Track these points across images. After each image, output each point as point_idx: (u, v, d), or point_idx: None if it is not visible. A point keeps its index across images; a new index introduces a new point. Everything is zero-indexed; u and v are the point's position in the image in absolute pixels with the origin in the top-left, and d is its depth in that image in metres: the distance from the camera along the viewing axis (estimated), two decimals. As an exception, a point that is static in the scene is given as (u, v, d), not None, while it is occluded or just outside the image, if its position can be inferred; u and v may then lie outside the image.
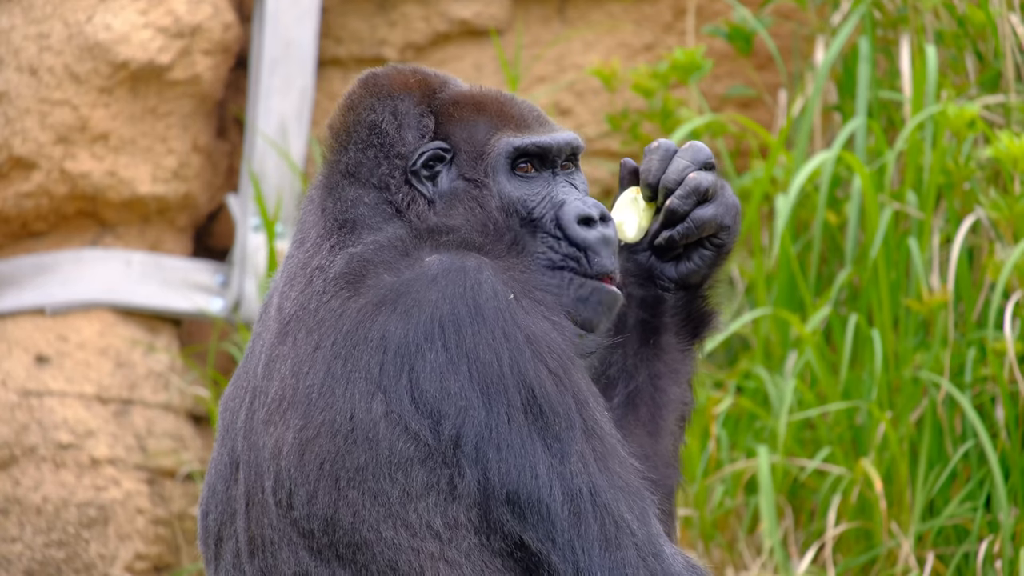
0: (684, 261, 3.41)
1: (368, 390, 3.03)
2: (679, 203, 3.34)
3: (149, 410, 6.49)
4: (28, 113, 6.44)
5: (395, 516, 3.01)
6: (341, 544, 3.04)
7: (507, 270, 3.10)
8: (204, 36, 6.49)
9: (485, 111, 3.29)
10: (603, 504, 3.02)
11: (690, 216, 3.35)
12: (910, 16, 6.15)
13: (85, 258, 6.55)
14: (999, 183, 5.83)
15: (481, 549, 3.03)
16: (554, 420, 3.03)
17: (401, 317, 3.03)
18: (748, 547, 5.75)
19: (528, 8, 6.92)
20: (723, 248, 3.40)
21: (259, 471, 3.12)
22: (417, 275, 3.06)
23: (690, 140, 6.44)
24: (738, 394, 5.94)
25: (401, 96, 3.29)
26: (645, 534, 3.05)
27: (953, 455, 5.57)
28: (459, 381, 3.01)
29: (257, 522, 3.13)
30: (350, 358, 3.05)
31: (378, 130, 3.27)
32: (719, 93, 6.87)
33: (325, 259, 3.18)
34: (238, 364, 3.36)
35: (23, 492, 6.34)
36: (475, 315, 3.02)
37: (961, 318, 5.73)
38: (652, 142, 3.39)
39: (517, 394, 3.02)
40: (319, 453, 3.04)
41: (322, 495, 3.04)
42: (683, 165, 3.35)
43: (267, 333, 3.20)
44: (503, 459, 3.01)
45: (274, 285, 3.29)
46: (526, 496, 3.01)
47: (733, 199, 3.39)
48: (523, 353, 3.02)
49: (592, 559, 3.02)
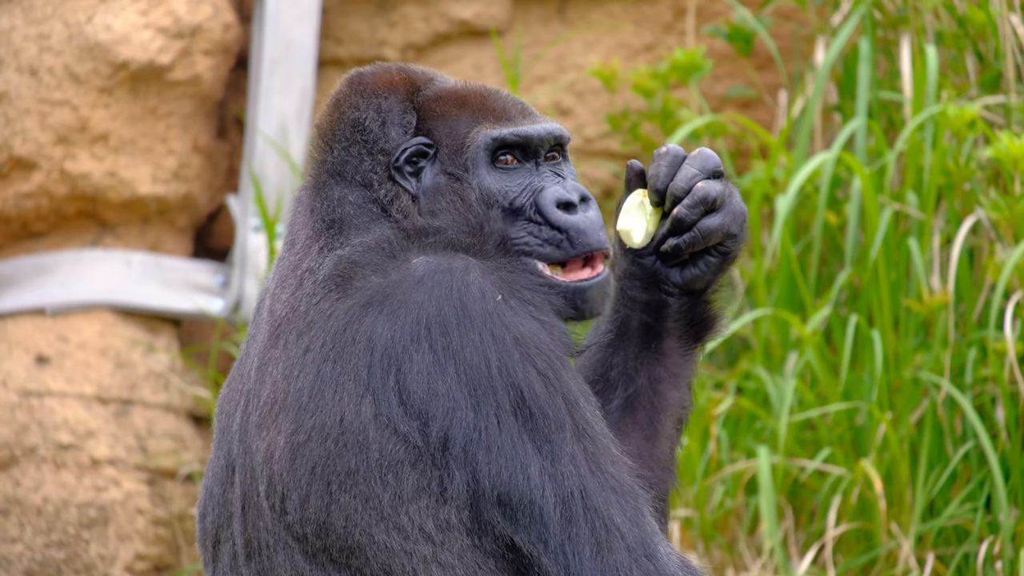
0: (689, 267, 3.40)
1: (357, 392, 3.03)
2: (687, 212, 3.33)
3: (149, 410, 6.49)
4: (28, 113, 6.44)
5: (387, 519, 3.01)
6: (335, 548, 3.04)
7: (495, 270, 3.09)
8: (204, 36, 6.49)
9: (467, 105, 3.29)
10: (594, 507, 3.02)
11: (697, 226, 3.34)
12: (910, 16, 6.15)
13: (85, 258, 6.55)
14: (999, 183, 5.83)
15: (474, 550, 3.02)
16: (544, 422, 3.02)
17: (388, 318, 3.03)
18: (748, 548, 5.76)
19: (528, 8, 6.92)
20: (729, 255, 3.39)
21: (253, 475, 3.12)
22: (404, 276, 3.06)
23: (693, 142, 6.44)
24: (738, 395, 5.94)
25: (385, 94, 3.29)
26: (637, 535, 3.04)
27: (953, 456, 5.57)
28: (446, 383, 3.01)
29: (253, 525, 3.13)
30: (339, 360, 3.04)
31: (362, 127, 3.27)
32: (719, 93, 6.87)
33: (315, 261, 3.17)
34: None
35: (23, 493, 6.34)
36: (462, 316, 3.02)
37: (961, 319, 5.73)
38: (661, 147, 3.37)
39: (506, 396, 3.01)
40: (310, 457, 3.04)
41: (314, 499, 3.04)
42: (692, 173, 3.34)
43: (260, 336, 3.20)
44: (493, 461, 3.00)
45: (266, 287, 3.29)
46: (518, 498, 3.00)
47: (740, 207, 3.37)
48: (511, 354, 3.02)
49: (583, 563, 3.01)
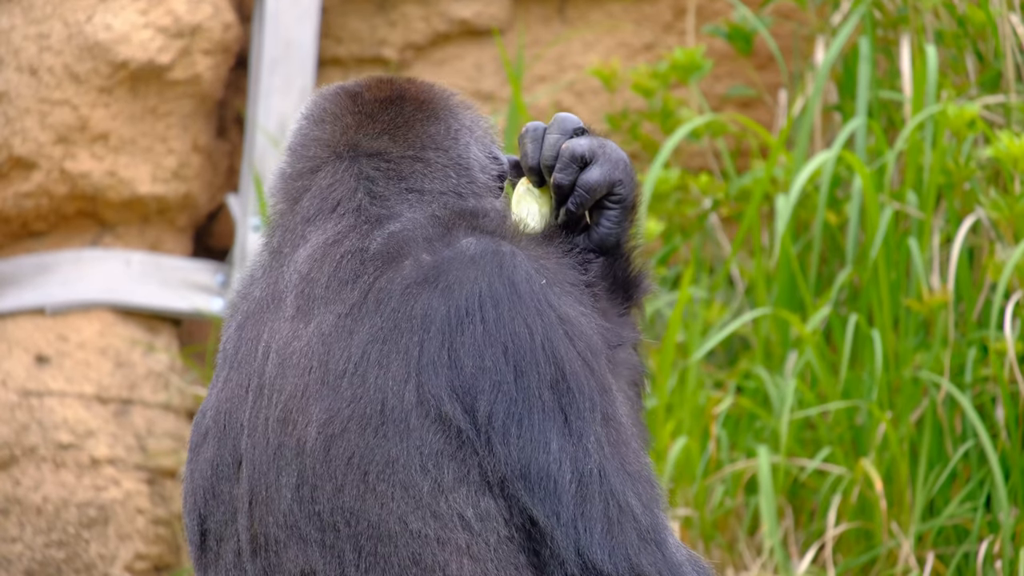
0: (594, 228, 3.40)
1: (402, 375, 3.04)
2: (562, 176, 3.34)
3: (149, 410, 6.49)
4: (28, 113, 6.44)
5: (424, 507, 3.01)
6: (364, 536, 3.03)
7: (538, 259, 3.13)
8: (204, 36, 6.49)
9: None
10: (610, 488, 3.04)
11: (577, 184, 3.35)
12: (910, 16, 6.15)
13: (85, 258, 6.55)
14: (999, 183, 5.83)
15: (509, 543, 3.03)
16: (579, 399, 3.05)
17: (443, 294, 3.05)
18: (748, 547, 5.75)
19: (528, 8, 6.92)
20: (625, 202, 3.39)
21: (266, 469, 3.11)
22: (456, 254, 3.08)
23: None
24: (738, 394, 5.94)
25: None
26: (650, 521, 3.06)
27: (953, 455, 5.57)
28: (494, 355, 3.03)
29: (260, 520, 3.12)
30: (388, 340, 3.06)
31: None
32: (719, 93, 6.87)
33: (360, 240, 3.18)
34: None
35: (23, 492, 6.34)
36: (512, 292, 3.05)
37: (961, 318, 5.73)
38: (521, 128, 3.42)
39: (547, 369, 3.04)
40: (347, 447, 3.04)
41: (349, 488, 3.04)
42: (554, 139, 3.36)
43: (271, 325, 3.17)
44: (523, 434, 3.02)
45: (252, 274, 3.28)
46: (536, 470, 3.02)
47: (618, 153, 3.38)
48: (556, 331, 3.06)
49: (593, 539, 3.03)
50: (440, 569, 3.02)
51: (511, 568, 3.04)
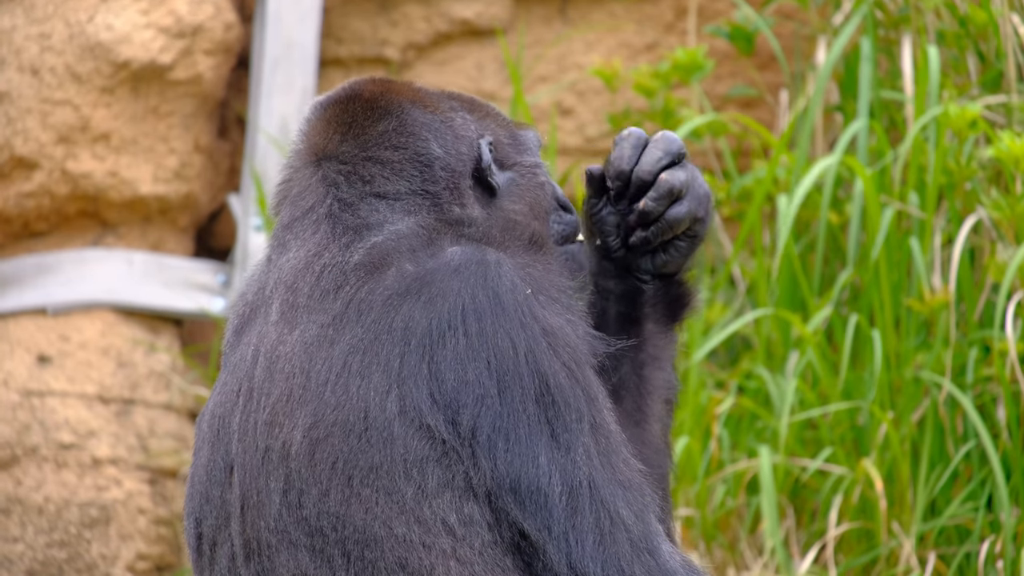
0: (660, 254, 3.43)
1: (384, 386, 3.02)
2: (653, 206, 3.36)
3: (151, 410, 6.50)
4: (29, 113, 6.44)
5: (408, 512, 3.00)
6: (350, 540, 3.03)
7: (524, 267, 3.11)
8: (206, 36, 6.49)
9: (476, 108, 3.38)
10: (600, 499, 3.03)
11: (664, 216, 3.37)
12: (912, 16, 6.15)
13: (87, 258, 6.55)
14: (1000, 183, 5.83)
15: (494, 547, 3.03)
16: (565, 411, 3.03)
17: (425, 306, 3.04)
18: (749, 547, 5.76)
19: (530, 8, 6.92)
20: (697, 238, 3.42)
21: (256, 473, 3.11)
22: (440, 265, 3.07)
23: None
24: (739, 394, 5.94)
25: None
26: (641, 530, 3.05)
27: (955, 455, 5.57)
28: (477, 369, 3.02)
29: (252, 525, 3.12)
30: (369, 351, 3.04)
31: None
32: (721, 93, 6.87)
33: (342, 252, 3.18)
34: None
35: (25, 492, 6.35)
36: (495, 305, 3.03)
37: (963, 318, 5.73)
38: (623, 130, 3.41)
39: (531, 383, 3.02)
40: (331, 452, 3.03)
41: (334, 493, 3.03)
42: (656, 156, 3.38)
43: (260, 333, 3.18)
44: (511, 448, 3.01)
45: (251, 279, 3.28)
46: (526, 484, 3.01)
47: (704, 189, 3.40)
48: (539, 343, 3.04)
49: (585, 551, 3.02)
50: (427, 573, 3.00)
51: (498, 570, 3.03)
